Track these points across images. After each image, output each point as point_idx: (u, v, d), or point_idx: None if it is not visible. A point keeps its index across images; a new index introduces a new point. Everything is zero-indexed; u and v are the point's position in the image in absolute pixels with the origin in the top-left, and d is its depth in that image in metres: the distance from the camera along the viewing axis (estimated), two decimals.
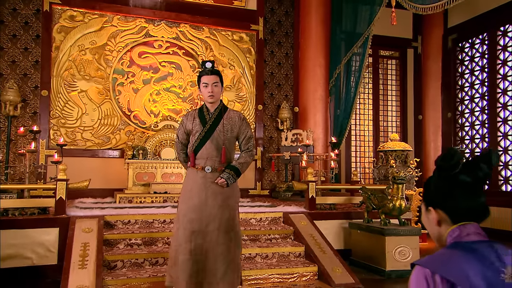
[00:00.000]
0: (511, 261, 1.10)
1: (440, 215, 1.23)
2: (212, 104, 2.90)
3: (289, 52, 7.25)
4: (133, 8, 6.26)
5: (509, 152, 6.44)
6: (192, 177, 2.83)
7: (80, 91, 6.01)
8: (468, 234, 1.17)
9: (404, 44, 8.05)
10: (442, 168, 1.23)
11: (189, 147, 2.92)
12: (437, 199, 1.23)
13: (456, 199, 1.20)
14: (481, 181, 1.21)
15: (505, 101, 6.52)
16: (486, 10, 6.79)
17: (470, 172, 1.21)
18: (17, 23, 5.71)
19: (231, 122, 2.90)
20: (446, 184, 1.22)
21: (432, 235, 1.29)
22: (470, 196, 1.21)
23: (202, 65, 2.92)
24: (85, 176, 4.62)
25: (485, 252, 1.11)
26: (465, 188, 1.20)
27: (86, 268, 3.18)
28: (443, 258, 1.13)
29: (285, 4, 7.26)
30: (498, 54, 6.66)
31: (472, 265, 1.07)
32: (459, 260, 1.09)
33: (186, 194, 2.83)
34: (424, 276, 1.09)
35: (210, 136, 2.83)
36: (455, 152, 1.22)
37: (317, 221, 4.42)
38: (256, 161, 6.91)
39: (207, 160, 2.81)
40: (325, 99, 6.93)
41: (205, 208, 2.73)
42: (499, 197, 6.44)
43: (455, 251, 1.13)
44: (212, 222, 2.72)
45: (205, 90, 2.87)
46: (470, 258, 1.09)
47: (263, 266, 3.66)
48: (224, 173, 2.81)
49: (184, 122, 2.97)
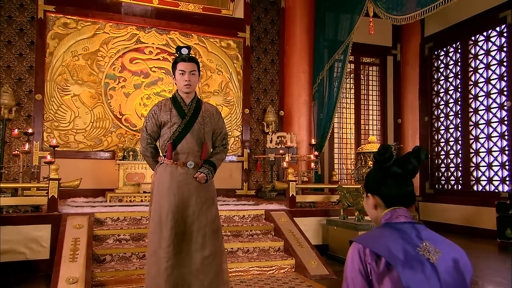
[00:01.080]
0: (429, 238, 1.30)
1: (377, 201, 1.42)
2: (187, 95, 2.63)
3: (274, 59, 7.45)
4: (125, 16, 6.41)
5: (480, 154, 6.69)
6: (170, 173, 2.53)
7: (73, 95, 6.14)
8: (397, 216, 1.37)
9: (384, 52, 8.30)
10: (377, 161, 1.43)
11: (162, 141, 2.61)
12: (374, 187, 1.43)
13: (389, 187, 1.40)
14: (410, 172, 1.41)
15: (476, 106, 6.78)
16: (458, 20, 7.06)
17: (401, 165, 1.41)
18: (12, 30, 5.83)
19: (209, 115, 2.67)
20: (381, 174, 1.42)
21: (371, 218, 1.49)
22: (400, 185, 1.41)
23: (177, 50, 2.64)
24: (78, 176, 4.74)
25: (408, 231, 1.31)
26: (396, 178, 1.40)
27: (76, 261, 3.32)
28: (373, 235, 1.33)
29: (271, 13, 7.47)
30: (470, 62, 6.92)
31: (395, 240, 1.27)
32: (385, 237, 1.29)
33: (163, 192, 2.51)
34: (358, 250, 1.28)
35: (190, 129, 2.56)
36: (388, 148, 1.43)
37: (297, 218, 4.61)
38: (243, 162, 7.08)
39: (188, 155, 2.56)
40: (309, 104, 7.14)
41: (188, 206, 2.50)
42: (472, 197, 6.69)
43: (384, 230, 1.33)
44: (196, 221, 2.50)
45: (181, 78, 2.58)
46: (395, 235, 1.29)
47: (244, 259, 3.83)
48: (204, 168, 2.58)
49: (157, 113, 2.61)
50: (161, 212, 2.49)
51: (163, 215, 2.47)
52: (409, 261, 1.22)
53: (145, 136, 2.65)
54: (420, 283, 1.19)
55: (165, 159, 2.57)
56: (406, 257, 1.22)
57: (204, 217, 2.52)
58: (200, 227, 2.49)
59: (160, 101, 2.71)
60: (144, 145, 2.67)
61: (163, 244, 2.42)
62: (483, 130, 6.65)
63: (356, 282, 1.27)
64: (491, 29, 6.56)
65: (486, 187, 6.57)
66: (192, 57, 2.64)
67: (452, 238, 5.60)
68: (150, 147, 2.66)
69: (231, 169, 7.00)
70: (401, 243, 1.26)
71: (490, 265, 4.59)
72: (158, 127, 2.63)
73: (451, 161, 7.27)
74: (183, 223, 2.47)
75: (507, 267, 4.40)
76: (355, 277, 1.27)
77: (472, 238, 6.10)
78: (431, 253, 1.26)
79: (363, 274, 1.26)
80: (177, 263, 2.41)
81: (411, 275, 1.19)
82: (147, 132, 2.64)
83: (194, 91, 2.68)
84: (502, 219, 5.62)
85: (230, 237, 4.21)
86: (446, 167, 7.35)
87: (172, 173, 2.54)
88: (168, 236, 2.42)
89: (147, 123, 2.65)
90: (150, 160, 2.71)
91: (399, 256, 1.22)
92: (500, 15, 6.32)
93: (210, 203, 2.59)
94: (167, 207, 2.48)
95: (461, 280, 1.27)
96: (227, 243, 3.93)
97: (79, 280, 3.12)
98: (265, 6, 7.40)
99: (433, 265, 1.24)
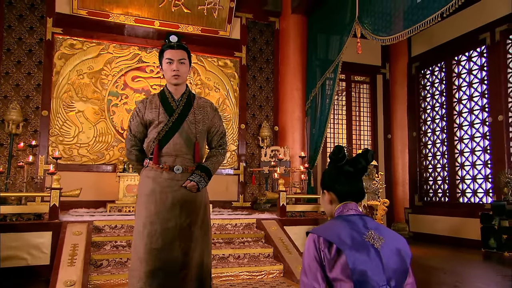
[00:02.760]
0: (374, 228, 1.43)
1: (331, 196, 1.56)
2: (177, 88, 2.27)
3: (269, 77, 7.65)
4: (128, 37, 6.65)
5: (465, 168, 6.80)
6: (153, 178, 2.16)
7: (77, 111, 6.32)
8: (348, 210, 1.51)
9: (374, 71, 8.50)
10: (332, 160, 1.57)
11: (148, 142, 2.24)
12: (329, 184, 1.57)
13: (342, 184, 1.54)
14: (360, 171, 1.55)
15: (461, 122, 6.92)
16: (442, 42, 7.28)
17: (353, 164, 1.55)
18: (22, 51, 6.06)
19: (202, 111, 2.29)
20: (335, 172, 1.55)
21: (327, 212, 1.63)
22: (351, 182, 1.55)
23: (166, 38, 2.31)
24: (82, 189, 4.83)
25: (356, 221, 1.44)
26: (348, 176, 1.54)
27: (74, 266, 3.41)
28: (327, 226, 1.47)
29: (265, 34, 7.71)
30: (454, 80, 7.11)
31: (344, 229, 1.40)
32: (336, 227, 1.43)
33: (142, 200, 2.16)
34: (313, 239, 1.41)
35: (178, 128, 2.19)
36: (341, 149, 1.57)
37: (287, 226, 4.69)
38: (239, 175, 7.20)
39: (176, 158, 2.18)
40: (302, 119, 7.30)
41: (171, 219, 2.10)
42: (458, 209, 6.76)
43: (336, 221, 1.47)
44: (178, 239, 2.09)
45: (169, 68, 2.23)
46: (345, 225, 1.43)
47: (235, 265, 3.91)
48: (195, 175, 2.19)
49: (141, 110, 2.26)
50: (140, 223, 2.13)
51: (141, 226, 2.11)
52: (355, 245, 1.34)
53: (129, 137, 2.32)
54: (364, 264, 1.32)
55: (150, 162, 2.21)
56: (353, 242, 1.36)
57: (189, 233, 2.11)
58: (182, 246, 2.08)
59: (146, 97, 2.35)
60: (128, 147, 2.33)
61: (138, 261, 2.08)
62: (467, 144, 6.78)
63: (312, 268, 1.39)
64: (472, 50, 6.77)
65: (471, 199, 6.65)
66: (182, 44, 2.28)
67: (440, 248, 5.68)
68: (134, 150, 2.31)
69: (227, 182, 7.12)
70: (349, 231, 1.40)
71: (473, 272, 4.65)
72: (144, 127, 2.27)
73: (438, 174, 7.37)
74: (162, 239, 2.05)
75: (488, 274, 4.46)
76: (311, 263, 1.40)
77: (459, 248, 6.15)
78: (376, 240, 1.39)
79: (318, 260, 1.39)
80: (150, 286, 2.03)
81: (356, 258, 1.32)
82: (131, 132, 2.31)
83: (184, 84, 2.32)
84: (486, 229, 5.68)
85: (222, 244, 4.29)
86: (434, 180, 7.44)
87: (155, 178, 2.17)
88: (142, 253, 2.05)
89: (131, 122, 2.31)
90: (135, 164, 2.36)
91: (347, 241, 1.35)
92: (480, 37, 6.54)
93: (199, 215, 2.18)
94: (144, 217, 2.10)
95: (402, 264, 1.40)
96: (219, 250, 4.02)
97: (76, 283, 3.20)
98: (260, 28, 7.65)
99: (376, 250, 1.36)
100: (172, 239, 2.09)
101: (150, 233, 2.08)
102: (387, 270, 1.35)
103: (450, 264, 4.91)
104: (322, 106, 7.36)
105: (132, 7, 6.54)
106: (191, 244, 2.12)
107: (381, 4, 5.64)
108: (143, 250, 2.07)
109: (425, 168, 7.67)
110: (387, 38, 5.71)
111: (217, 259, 3.96)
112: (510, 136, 5.99)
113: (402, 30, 5.37)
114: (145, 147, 2.31)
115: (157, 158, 2.20)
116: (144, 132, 2.30)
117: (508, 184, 5.46)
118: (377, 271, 1.33)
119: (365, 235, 1.39)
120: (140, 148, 2.34)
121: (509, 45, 6.18)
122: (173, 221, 2.11)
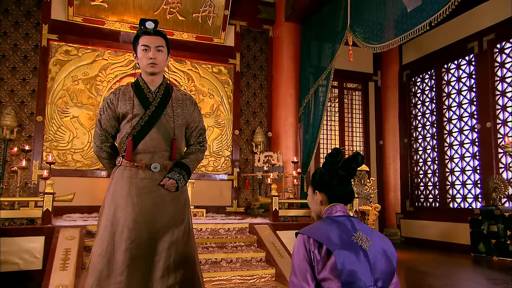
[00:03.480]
0: (362, 229, 1.46)
1: (323, 197, 1.58)
2: (153, 78, 2.04)
3: (263, 84, 7.70)
4: (123, 44, 6.67)
5: (455, 173, 6.86)
6: (129, 179, 1.93)
7: (72, 117, 6.31)
8: (336, 211, 1.53)
9: (366, 78, 8.59)
10: (329, 162, 1.59)
11: (121, 137, 2.01)
12: (322, 185, 1.59)
13: (335, 186, 1.57)
14: (351, 175, 1.58)
15: (450, 128, 7.01)
16: (432, 50, 7.40)
17: (346, 168, 1.58)
18: (17, 57, 6.06)
19: (181, 105, 2.09)
20: (329, 174, 1.58)
21: (315, 212, 1.65)
22: (344, 185, 1.57)
23: (141, 24, 2.03)
24: (76, 194, 4.81)
25: (344, 222, 1.47)
26: (341, 179, 1.57)
27: (66, 270, 3.39)
28: (316, 227, 1.49)
29: (259, 41, 7.77)
30: (443, 88, 7.21)
31: (333, 230, 1.43)
32: (325, 228, 1.45)
33: (119, 203, 1.90)
34: (303, 240, 1.43)
35: (156, 123, 1.98)
36: (340, 152, 1.60)
37: (279, 231, 4.70)
38: (232, 181, 7.21)
39: (154, 155, 1.97)
40: (295, 125, 7.35)
41: (151, 222, 1.89)
42: (448, 214, 6.81)
43: (325, 222, 1.50)
44: (161, 241, 1.89)
45: (145, 56, 1.99)
46: (333, 226, 1.45)
47: (227, 269, 3.91)
48: (174, 172, 1.98)
49: (113, 102, 2.01)
50: (114, 229, 1.87)
51: (117, 233, 1.86)
52: (344, 246, 1.37)
53: (99, 132, 2.05)
54: (353, 264, 1.34)
55: (124, 160, 1.97)
56: (342, 243, 1.38)
57: (171, 236, 1.91)
58: (164, 249, 1.88)
59: (118, 87, 2.09)
60: (98, 144, 2.06)
61: (115, 271, 1.81)
62: (457, 150, 6.86)
63: (302, 268, 1.41)
64: (461, 58, 6.88)
65: (461, 204, 6.71)
66: (159, 30, 2.07)
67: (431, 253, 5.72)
68: (105, 146, 2.06)
69: (221, 187, 7.12)
70: (338, 232, 1.42)
71: (462, 276, 4.69)
72: (116, 121, 2.03)
73: (429, 180, 7.43)
74: (143, 244, 1.85)
75: (477, 278, 4.50)
76: (301, 263, 1.41)
77: (449, 253, 6.19)
78: (363, 241, 1.41)
79: (308, 261, 1.41)
80: None
81: (345, 258, 1.34)
82: (101, 127, 2.04)
83: (162, 74, 2.08)
84: (475, 234, 5.74)
85: (215, 248, 4.29)
86: (425, 185, 7.51)
87: (132, 178, 1.94)
88: (122, 261, 1.81)
89: (101, 115, 2.05)
90: (106, 163, 2.10)
91: (336, 242, 1.38)
92: (468, 46, 6.65)
93: (181, 218, 1.98)
94: (122, 222, 1.87)
95: (389, 265, 1.42)
96: (211, 254, 4.02)
97: (68, 287, 3.19)
98: (254, 35, 7.71)
99: (364, 251, 1.39)
100: (152, 245, 1.87)
101: (128, 240, 1.83)
102: (375, 271, 1.38)
103: (440, 269, 4.94)
104: (315, 113, 7.41)
105: (128, 14, 6.58)
106: (173, 249, 1.90)
107: (372, 13, 5.73)
108: (122, 257, 1.81)
109: (416, 173, 7.73)
110: (378, 46, 5.78)
111: (210, 263, 3.96)
112: (498, 142, 6.07)
113: (393, 39, 5.44)
114: (118, 144, 2.07)
115: (132, 155, 1.95)
116: (116, 126, 2.04)
117: (496, 189, 5.52)
118: (365, 271, 1.35)
119: (353, 236, 1.41)
120: (111, 144, 2.09)
121: (496, 54, 6.30)
122: (153, 225, 1.89)
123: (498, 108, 6.18)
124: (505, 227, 5.30)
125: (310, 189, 1.65)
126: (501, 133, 6.09)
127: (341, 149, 1.62)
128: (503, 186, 5.47)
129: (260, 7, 7.60)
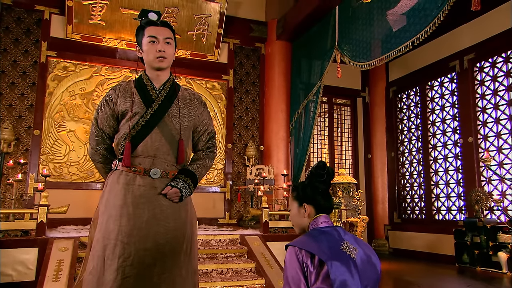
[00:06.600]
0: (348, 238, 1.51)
1: (311, 209, 1.63)
2: (159, 74, 1.78)
3: (255, 99, 7.80)
4: (119, 60, 6.75)
5: (439, 186, 6.95)
6: (125, 185, 1.66)
7: (68, 131, 6.33)
8: (322, 222, 1.59)
9: (354, 94, 8.74)
10: (316, 174, 1.64)
11: (119, 138, 1.75)
12: (311, 197, 1.63)
13: (320, 197, 1.62)
14: (329, 185, 1.64)
15: (435, 143, 7.13)
16: (417, 68, 7.58)
17: (324, 181, 1.64)
18: (16, 73, 6.10)
19: (188, 105, 1.82)
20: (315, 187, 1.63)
21: (300, 225, 1.68)
22: (327, 196, 1.63)
23: (143, 15, 1.77)
24: (70, 206, 4.80)
25: (331, 232, 1.52)
26: (324, 191, 1.63)
27: (59, 281, 3.38)
28: (305, 238, 1.53)
29: (252, 58, 7.90)
30: (428, 104, 7.36)
31: (322, 240, 1.47)
32: (314, 239, 1.49)
33: (112, 212, 1.62)
34: (295, 252, 1.47)
35: (158, 122, 1.72)
36: (325, 164, 1.65)
37: (270, 242, 4.72)
38: (225, 193, 7.22)
39: (154, 159, 1.70)
40: (286, 139, 7.43)
41: (149, 237, 1.60)
42: (433, 225, 6.87)
43: (313, 234, 1.54)
44: (160, 261, 1.60)
45: (153, 48, 1.73)
46: (322, 237, 1.50)
47: (217, 279, 3.91)
48: (178, 180, 1.71)
49: (113, 99, 1.76)
50: (106, 242, 1.59)
51: (108, 248, 1.57)
52: (335, 256, 1.41)
53: (95, 132, 1.79)
54: (344, 274, 1.38)
55: (120, 164, 1.70)
56: (332, 253, 1.42)
57: (172, 255, 1.63)
58: (165, 269, 1.60)
59: (118, 84, 1.84)
60: (93, 145, 1.80)
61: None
62: (441, 164, 6.96)
63: (295, 279, 1.43)
64: (444, 76, 7.05)
65: (446, 216, 6.78)
66: (166, 21, 1.80)
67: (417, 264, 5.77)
68: (101, 148, 1.79)
69: (214, 200, 7.13)
70: (327, 242, 1.46)
71: (446, 285, 4.72)
72: (115, 120, 1.78)
73: (415, 193, 7.51)
74: (138, 262, 1.56)
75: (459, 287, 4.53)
76: (294, 275, 1.44)
77: (435, 263, 6.22)
78: (351, 250, 1.46)
79: (301, 272, 1.43)
80: None
81: (337, 268, 1.38)
82: (97, 126, 1.79)
83: (168, 70, 1.83)
84: (459, 245, 5.79)
85: (206, 259, 4.30)
86: (411, 198, 7.58)
87: (128, 184, 1.66)
88: (113, 281, 1.52)
89: (99, 114, 1.79)
90: (101, 167, 1.83)
91: (327, 252, 1.42)
92: (450, 64, 6.83)
93: (183, 233, 1.69)
94: (114, 235, 1.58)
95: (374, 270, 1.47)
96: (202, 265, 4.02)
97: None
98: (247, 52, 7.84)
99: (353, 260, 1.44)
100: (149, 264, 1.58)
101: (121, 257, 1.54)
102: (363, 278, 1.42)
103: (425, 279, 4.97)
104: (305, 127, 7.50)
105: (125, 32, 6.68)
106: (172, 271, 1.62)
107: (359, 32, 5.88)
108: (113, 277, 1.53)
109: (403, 186, 7.81)
110: (365, 63, 5.92)
111: (201, 274, 3.96)
112: (479, 156, 6.18)
113: (379, 57, 5.58)
114: (115, 145, 1.81)
115: (129, 159, 1.67)
116: (114, 126, 1.79)
117: (479, 201, 5.61)
118: (355, 280, 1.39)
119: (341, 246, 1.46)
120: (109, 147, 1.83)
121: (476, 72, 6.47)
122: (150, 241, 1.59)
123: (479, 124, 6.31)
124: (487, 238, 5.36)
125: (294, 203, 1.67)
126: (482, 147, 6.21)
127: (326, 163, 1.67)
128: (484, 199, 5.55)
129: (253, 26, 7.76)
